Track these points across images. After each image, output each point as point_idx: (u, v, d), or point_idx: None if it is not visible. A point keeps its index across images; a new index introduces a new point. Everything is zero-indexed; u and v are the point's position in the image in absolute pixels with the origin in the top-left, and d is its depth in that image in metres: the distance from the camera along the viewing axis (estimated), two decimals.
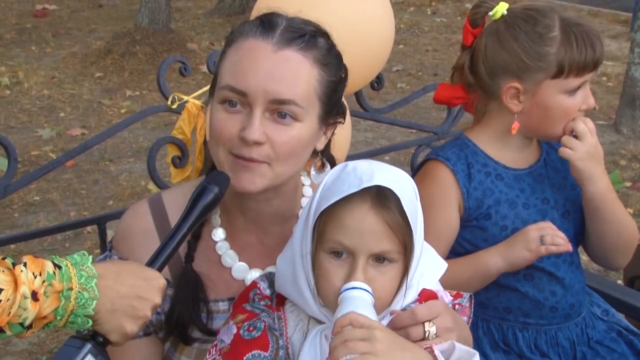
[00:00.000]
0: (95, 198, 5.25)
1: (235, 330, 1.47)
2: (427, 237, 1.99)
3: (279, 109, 1.53)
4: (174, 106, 2.21)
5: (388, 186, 1.42)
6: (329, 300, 1.44)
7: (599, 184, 2.01)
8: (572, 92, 1.97)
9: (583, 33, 1.94)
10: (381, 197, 1.42)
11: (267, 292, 1.55)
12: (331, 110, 1.63)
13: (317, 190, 1.49)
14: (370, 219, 1.41)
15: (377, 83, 2.59)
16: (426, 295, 1.52)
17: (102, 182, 5.49)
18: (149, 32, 8.02)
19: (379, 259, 1.43)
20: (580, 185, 2.03)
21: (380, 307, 1.43)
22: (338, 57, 1.64)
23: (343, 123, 1.72)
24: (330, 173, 1.49)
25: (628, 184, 5.63)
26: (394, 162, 6.34)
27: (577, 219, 2.12)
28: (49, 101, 6.96)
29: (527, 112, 2.00)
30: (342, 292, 1.40)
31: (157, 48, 7.84)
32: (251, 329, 1.46)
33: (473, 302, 1.61)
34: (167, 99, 2.22)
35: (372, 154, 2.94)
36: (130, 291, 1.36)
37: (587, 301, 2.19)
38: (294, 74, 1.54)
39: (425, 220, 1.97)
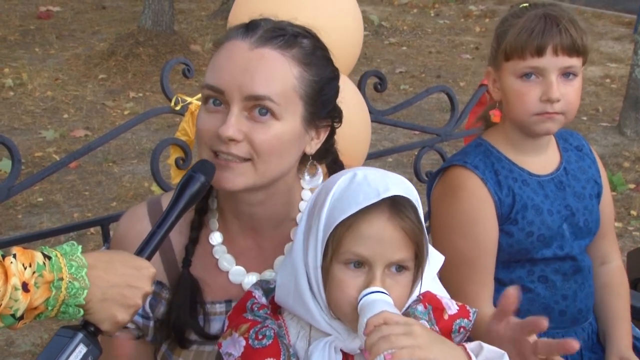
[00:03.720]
0: (98, 199, 5.26)
1: (244, 342, 1.45)
2: (479, 252, 2.02)
3: (256, 106, 1.53)
4: (177, 108, 2.21)
5: (405, 195, 1.43)
6: (344, 311, 1.43)
7: None
8: (523, 76, 1.98)
9: (535, 18, 1.97)
10: (398, 206, 1.42)
11: (263, 300, 1.54)
12: (318, 111, 1.61)
13: (324, 202, 1.46)
14: (389, 228, 1.41)
15: (380, 85, 2.58)
16: (429, 299, 1.52)
17: (105, 183, 5.49)
18: (152, 34, 8.02)
19: (395, 268, 1.43)
20: None
21: None
22: (324, 58, 1.63)
23: (337, 127, 1.71)
24: (338, 183, 1.47)
25: (631, 185, 5.62)
26: (397, 164, 6.36)
27: (594, 228, 2.14)
28: (52, 103, 6.96)
29: (502, 100, 2.06)
30: (361, 298, 1.39)
31: (161, 50, 7.85)
32: (260, 337, 1.45)
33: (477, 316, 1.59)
34: (170, 100, 2.22)
35: (376, 156, 2.93)
36: (121, 280, 1.36)
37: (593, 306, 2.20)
38: (269, 70, 1.54)
39: (474, 237, 1.98)
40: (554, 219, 2.04)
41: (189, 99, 2.21)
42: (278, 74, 1.54)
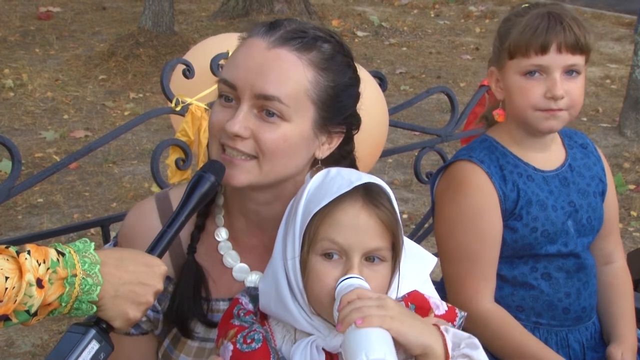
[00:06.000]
0: (98, 200, 5.26)
1: (231, 347, 1.46)
2: (482, 246, 2.03)
3: (265, 106, 1.54)
4: (178, 108, 2.21)
5: (378, 183, 1.46)
6: (323, 303, 1.44)
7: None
8: (527, 74, 1.99)
9: (539, 17, 1.98)
10: (372, 194, 1.45)
11: (250, 306, 1.55)
12: (331, 117, 1.61)
13: (300, 198, 1.49)
14: (363, 216, 1.43)
15: (381, 85, 2.58)
16: (413, 297, 1.52)
17: (105, 184, 5.49)
18: (153, 35, 8.02)
19: (372, 258, 1.44)
20: None
21: None
22: (343, 64, 1.62)
23: (354, 134, 1.71)
24: (312, 180, 1.50)
25: (631, 186, 5.62)
26: (397, 165, 6.35)
27: (597, 226, 2.14)
28: (52, 103, 6.96)
29: (505, 99, 2.06)
30: (338, 285, 1.41)
31: (161, 50, 7.84)
32: (249, 340, 1.45)
33: (464, 321, 1.58)
34: (170, 101, 2.22)
35: None
36: (133, 277, 1.38)
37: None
38: (283, 72, 1.54)
39: (478, 230, 1.98)
40: (558, 215, 2.05)
41: (189, 100, 2.21)
42: (291, 76, 1.55)
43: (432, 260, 1.61)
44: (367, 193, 1.45)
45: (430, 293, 1.59)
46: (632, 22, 9.71)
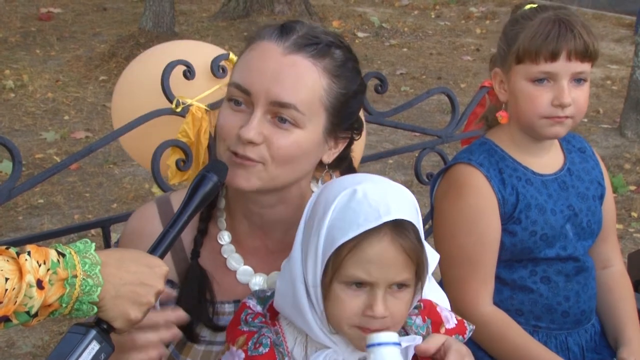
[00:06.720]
0: (99, 201, 5.26)
1: (243, 355, 1.46)
2: (482, 249, 2.03)
3: (279, 113, 1.53)
4: (178, 109, 2.21)
5: (406, 218, 1.42)
6: (342, 329, 1.44)
7: None
8: (536, 80, 1.98)
9: (549, 22, 1.96)
10: (400, 227, 1.42)
11: (258, 308, 1.54)
12: (340, 123, 1.61)
13: (323, 216, 1.44)
14: (391, 251, 1.41)
15: (381, 86, 2.58)
16: (428, 311, 1.53)
17: (106, 185, 5.49)
18: (153, 35, 8.02)
19: (396, 286, 1.43)
20: None
21: (395, 329, 1.44)
22: (354, 71, 1.63)
23: (357, 139, 1.71)
24: (337, 200, 1.44)
25: (632, 187, 5.62)
26: (397, 166, 6.33)
27: (597, 229, 2.14)
28: (53, 104, 6.96)
29: (509, 101, 2.05)
30: (372, 345, 1.38)
31: None
32: (257, 345, 1.46)
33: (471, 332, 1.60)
34: (171, 102, 2.21)
35: (376, 158, 2.93)
36: (134, 278, 1.37)
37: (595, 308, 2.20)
38: (299, 79, 1.54)
39: (478, 233, 1.97)
40: (557, 219, 2.05)
41: (189, 101, 2.21)
42: (307, 84, 1.54)
43: (435, 258, 1.61)
44: (396, 225, 1.41)
45: (435, 292, 1.60)
46: (632, 23, 9.70)
